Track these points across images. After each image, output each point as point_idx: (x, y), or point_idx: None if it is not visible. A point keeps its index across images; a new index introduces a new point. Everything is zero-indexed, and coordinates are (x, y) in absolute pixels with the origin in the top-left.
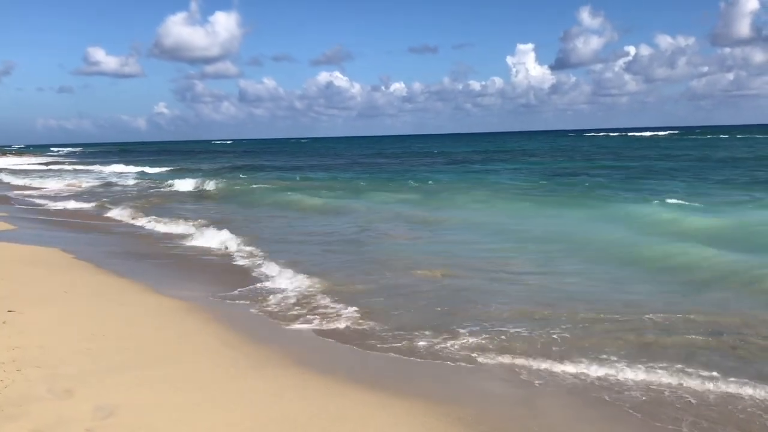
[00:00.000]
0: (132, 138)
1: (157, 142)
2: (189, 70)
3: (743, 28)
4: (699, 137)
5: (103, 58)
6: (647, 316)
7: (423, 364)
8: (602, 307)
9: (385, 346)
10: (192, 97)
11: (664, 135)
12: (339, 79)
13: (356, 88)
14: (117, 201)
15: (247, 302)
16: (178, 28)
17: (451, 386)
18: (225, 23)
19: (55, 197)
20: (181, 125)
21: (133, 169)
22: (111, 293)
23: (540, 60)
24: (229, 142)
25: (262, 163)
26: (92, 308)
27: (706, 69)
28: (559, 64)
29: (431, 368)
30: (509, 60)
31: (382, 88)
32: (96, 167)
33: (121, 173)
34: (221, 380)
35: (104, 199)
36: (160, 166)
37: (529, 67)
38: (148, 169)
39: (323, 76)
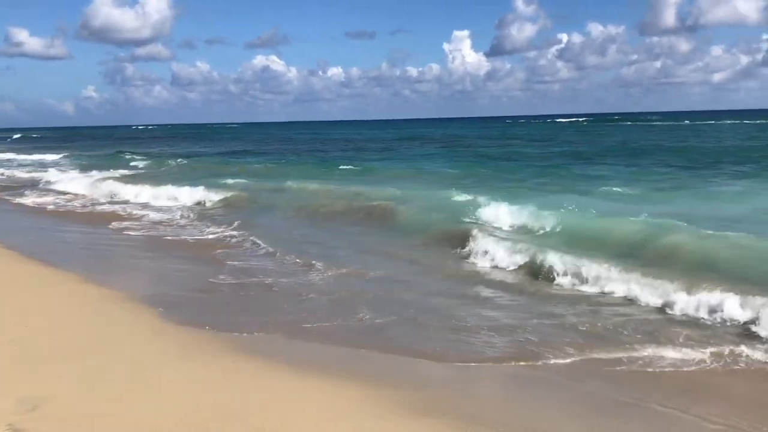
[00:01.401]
0: (60, 123)
1: (83, 127)
2: (118, 52)
3: (669, 18)
4: (609, 124)
5: (27, 39)
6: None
7: (358, 352)
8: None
9: (320, 334)
10: (122, 80)
11: (581, 121)
12: (275, 63)
13: (293, 73)
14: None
15: (182, 290)
16: (107, 9)
17: (386, 372)
18: (156, 4)
19: None
20: (111, 110)
21: (27, 157)
22: (37, 283)
23: (476, 47)
24: (151, 126)
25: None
26: (16, 299)
27: (635, 57)
28: (494, 51)
29: (366, 356)
30: (446, 46)
31: (320, 72)
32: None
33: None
34: (151, 369)
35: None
36: (54, 154)
37: (465, 53)
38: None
39: (259, 60)
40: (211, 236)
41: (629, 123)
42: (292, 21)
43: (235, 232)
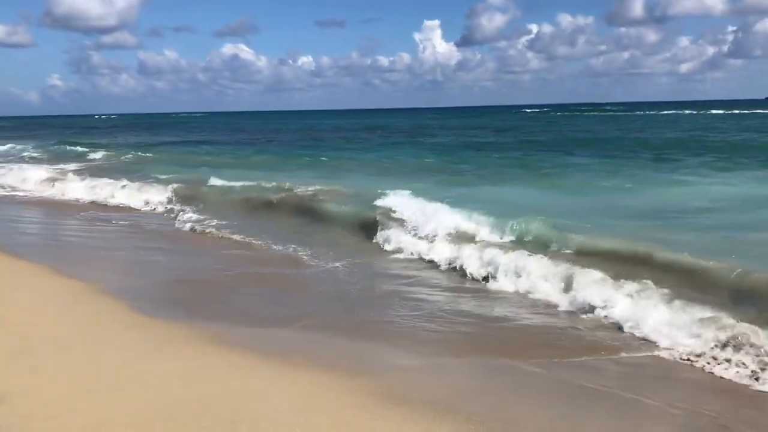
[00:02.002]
0: (26, 112)
1: (47, 117)
2: (84, 40)
3: (637, 8)
4: (568, 114)
5: None
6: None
7: (332, 342)
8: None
9: (293, 324)
10: (88, 69)
11: (546, 111)
12: (244, 51)
13: (263, 62)
14: None
15: (153, 282)
16: None
17: (360, 362)
18: None
19: None
20: (77, 98)
21: None
22: (7, 277)
23: (446, 37)
24: (113, 116)
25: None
26: None
27: (603, 48)
28: (464, 41)
29: (340, 346)
30: (416, 36)
31: (290, 62)
32: None
33: None
34: (122, 364)
35: None
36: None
37: (435, 43)
38: None
39: (228, 49)
40: (171, 228)
41: (595, 113)
42: (261, 9)
43: (196, 225)
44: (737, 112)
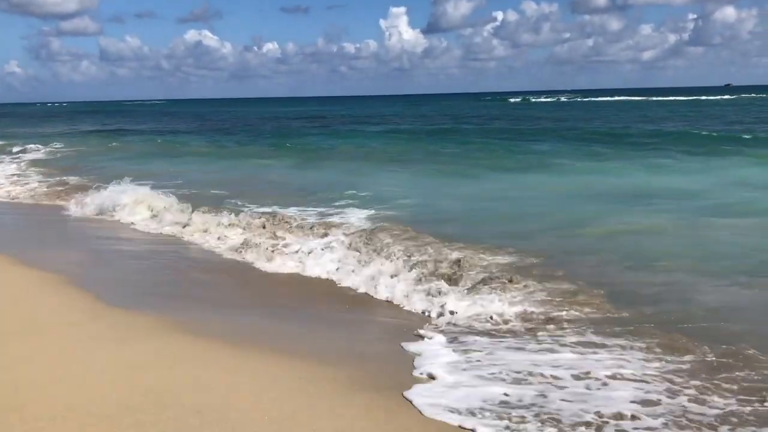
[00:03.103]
0: None
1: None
2: (42, 26)
3: None
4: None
5: None
6: None
7: (297, 330)
8: None
9: (257, 311)
10: (47, 55)
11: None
12: (208, 38)
13: (227, 48)
14: None
15: (114, 272)
16: None
17: (326, 349)
18: None
19: None
20: (37, 86)
21: None
22: None
23: (412, 23)
24: (65, 104)
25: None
26: None
27: (567, 35)
28: (430, 28)
29: (306, 333)
30: (382, 23)
31: (255, 48)
32: None
33: None
34: (82, 354)
35: None
36: None
37: (402, 30)
38: None
39: (191, 35)
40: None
41: (548, 101)
42: None
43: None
44: (703, 98)
